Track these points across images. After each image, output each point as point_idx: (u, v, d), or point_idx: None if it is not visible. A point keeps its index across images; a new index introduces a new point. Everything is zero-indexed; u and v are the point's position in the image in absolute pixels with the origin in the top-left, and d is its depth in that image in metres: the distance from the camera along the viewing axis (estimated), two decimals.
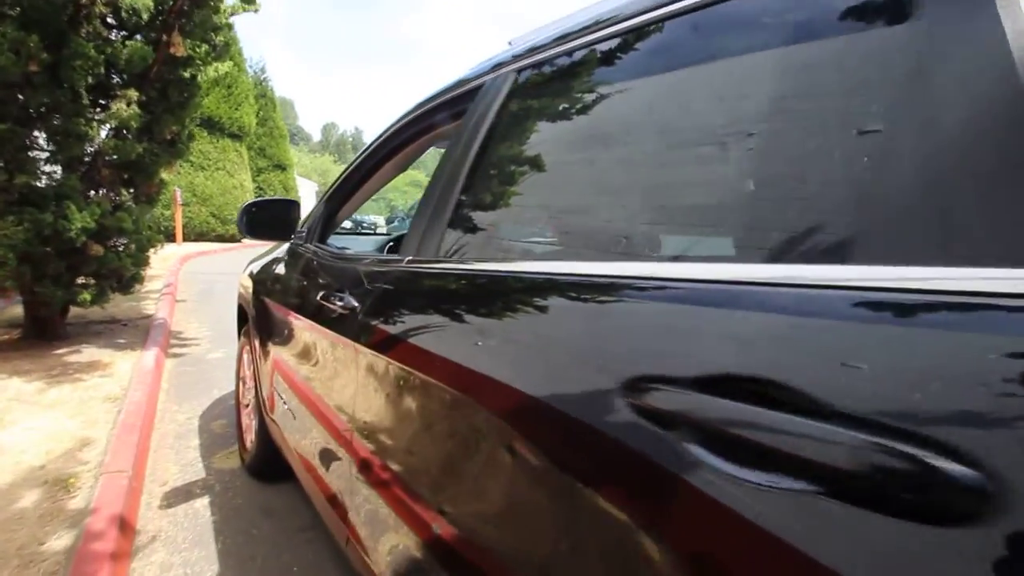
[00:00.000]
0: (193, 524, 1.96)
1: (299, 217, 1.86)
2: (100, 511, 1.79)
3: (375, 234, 2.73)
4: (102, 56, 2.94)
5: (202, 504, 2.10)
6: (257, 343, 2.01)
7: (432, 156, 1.72)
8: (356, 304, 1.14)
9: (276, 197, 1.82)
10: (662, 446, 0.48)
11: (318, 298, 1.34)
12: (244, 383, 2.49)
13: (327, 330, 1.27)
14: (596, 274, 0.66)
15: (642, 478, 0.49)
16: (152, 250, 4.21)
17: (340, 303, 1.19)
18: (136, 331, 4.58)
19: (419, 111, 1.40)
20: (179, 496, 2.15)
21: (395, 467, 0.96)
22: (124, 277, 3.95)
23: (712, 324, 0.50)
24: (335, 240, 1.90)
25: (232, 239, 16.96)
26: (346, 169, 1.73)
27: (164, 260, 8.83)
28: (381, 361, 1.01)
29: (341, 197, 1.77)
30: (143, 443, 2.43)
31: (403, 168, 1.69)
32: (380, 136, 1.57)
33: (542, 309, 0.71)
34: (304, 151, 66.23)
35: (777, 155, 0.55)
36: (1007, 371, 0.31)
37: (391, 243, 2.09)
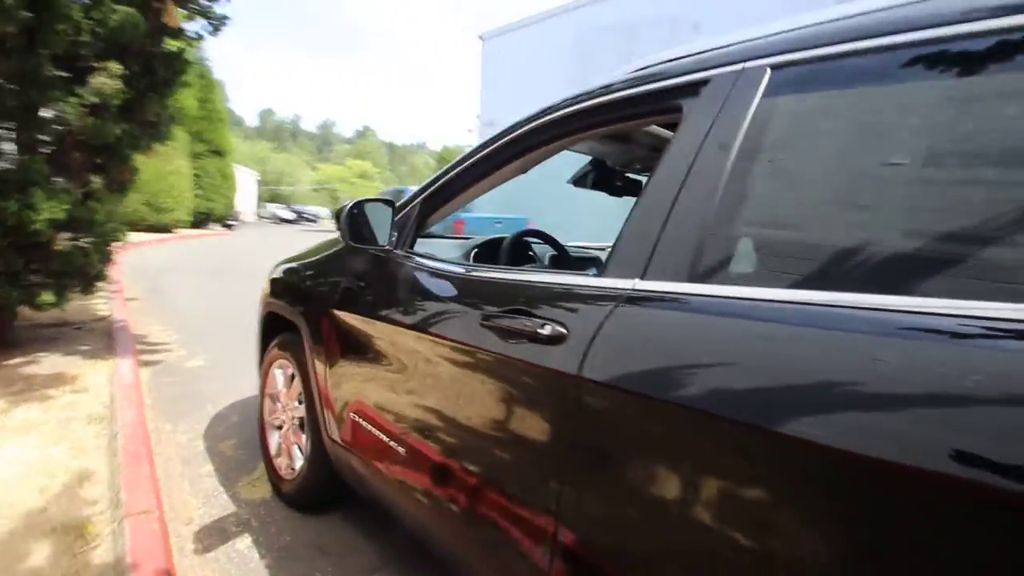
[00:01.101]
0: (243, 571, 1.69)
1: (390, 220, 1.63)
2: (140, 567, 1.50)
3: (455, 238, 2.44)
4: (89, 21, 2.52)
5: (244, 545, 1.82)
6: (319, 361, 1.76)
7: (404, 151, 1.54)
8: (565, 331, 0.97)
9: (378, 197, 1.59)
10: None
11: (480, 320, 1.15)
12: (275, 402, 2.21)
13: (495, 356, 1.09)
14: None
15: None
16: (117, 243, 3.72)
17: (539, 328, 1.01)
18: (95, 336, 4.04)
19: (568, 109, 1.25)
20: (214, 537, 1.86)
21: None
22: (89, 275, 3.46)
23: None
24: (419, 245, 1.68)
25: (165, 229, 15.64)
26: (451, 167, 1.53)
27: None
28: (613, 402, 0.86)
29: (442, 198, 1.57)
30: (152, 473, 2.09)
31: (524, 171, 1.52)
32: (505, 134, 1.40)
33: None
34: (239, 136, 62.61)
35: None
36: None
37: (476, 249, 1.91)
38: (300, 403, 2.02)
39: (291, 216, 39.37)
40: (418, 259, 1.49)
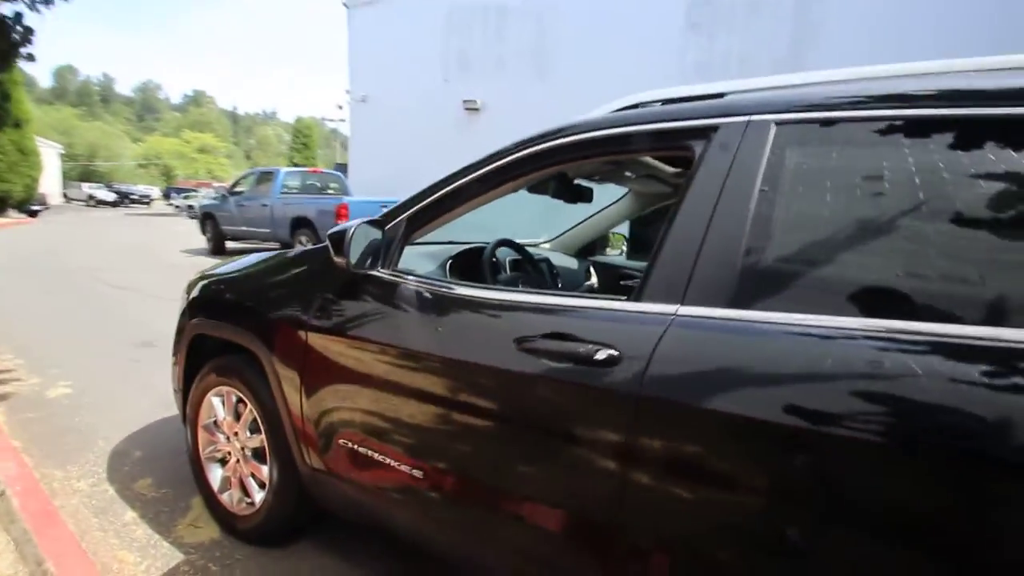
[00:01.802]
0: None
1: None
2: None
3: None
4: None
5: None
6: (290, 387, 1.64)
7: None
8: (617, 353, 1.06)
9: (373, 218, 1.47)
10: None
11: (514, 344, 1.19)
12: (215, 433, 2.01)
13: (536, 378, 1.15)
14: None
15: None
16: None
17: (588, 351, 1.09)
18: None
19: (568, 139, 1.32)
20: None
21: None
22: None
23: None
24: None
25: None
26: (442, 185, 1.50)
27: None
28: (672, 416, 0.99)
29: (430, 216, 1.53)
30: (71, 532, 1.80)
31: (515, 191, 1.55)
32: (501, 157, 1.42)
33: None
34: (29, 100, 51.52)
35: None
36: None
37: (451, 260, 1.88)
38: (253, 432, 1.87)
39: (111, 197, 34.07)
40: (423, 281, 1.46)
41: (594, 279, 2.69)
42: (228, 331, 1.87)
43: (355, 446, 1.51)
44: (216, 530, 1.98)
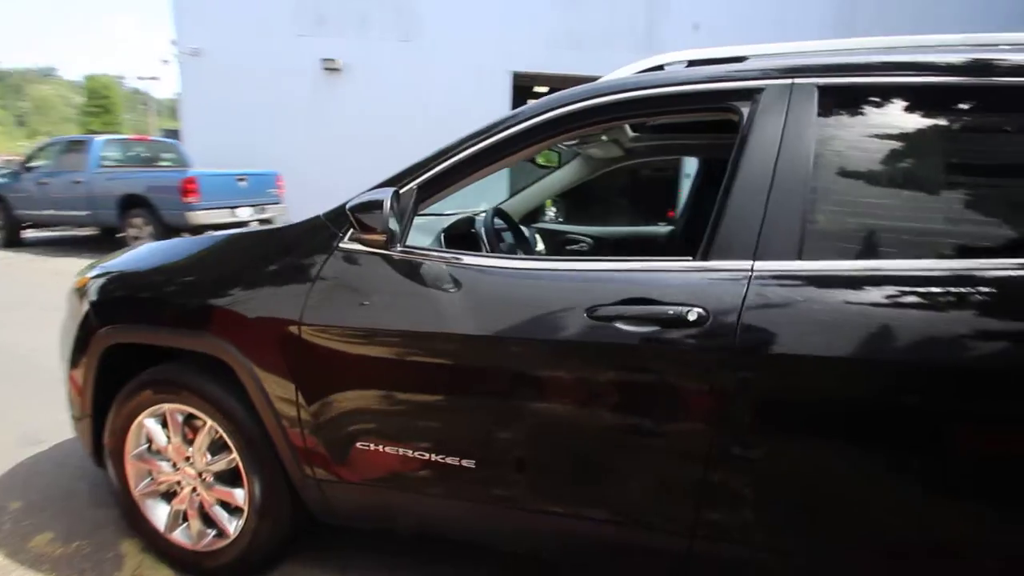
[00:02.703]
0: None
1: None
2: None
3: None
4: None
5: None
6: (282, 393, 1.39)
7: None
8: (705, 313, 1.08)
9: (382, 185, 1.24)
10: None
11: (586, 315, 1.14)
12: (158, 462, 1.64)
13: (618, 346, 1.12)
14: None
15: None
16: None
17: (676, 314, 1.09)
18: None
19: (616, 96, 1.27)
20: None
21: None
22: None
23: None
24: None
25: None
26: (456, 149, 1.34)
27: None
28: (769, 366, 1.05)
29: (443, 184, 1.36)
30: None
31: (536, 154, 1.45)
32: (522, 120, 1.31)
33: None
34: None
35: None
36: None
37: (445, 233, 1.69)
38: (217, 453, 1.57)
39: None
40: (454, 257, 1.31)
41: (541, 245, 2.68)
42: (176, 337, 1.51)
43: (384, 448, 1.34)
44: (168, 573, 1.64)
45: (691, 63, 1.37)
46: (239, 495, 1.56)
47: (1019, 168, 1.07)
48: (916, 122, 1.12)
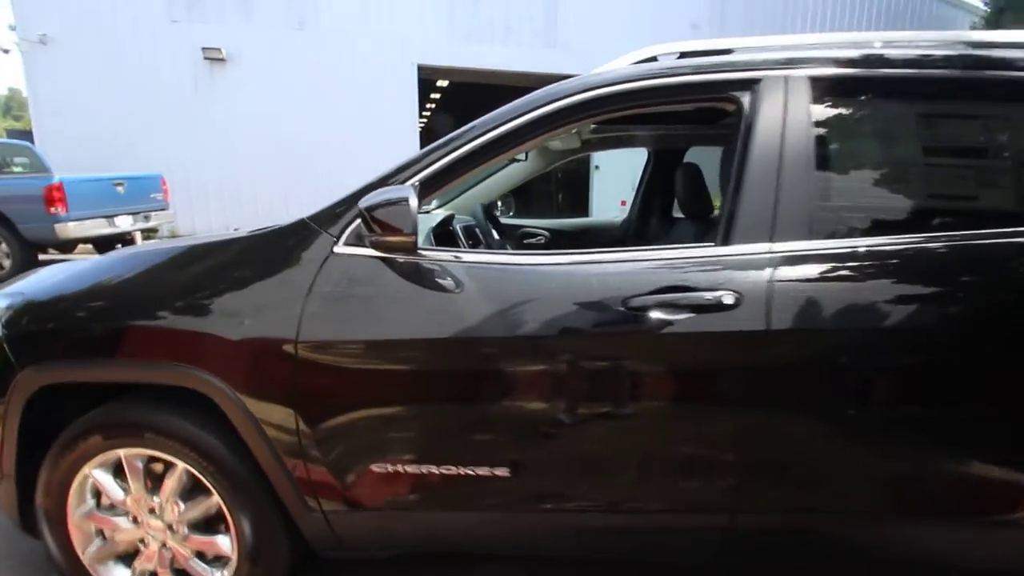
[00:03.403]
0: None
1: None
2: None
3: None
4: None
5: None
6: (276, 421, 1.23)
7: None
8: (740, 295, 1.13)
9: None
10: None
11: (622, 306, 1.15)
12: (106, 520, 1.40)
13: (658, 335, 1.14)
14: None
15: None
16: None
17: (711, 299, 1.13)
18: None
19: (618, 88, 1.28)
20: None
21: None
22: None
23: None
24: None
25: None
26: (456, 144, 1.27)
27: None
28: (800, 343, 1.13)
29: (444, 179, 1.28)
30: None
31: (535, 148, 1.41)
32: (537, 108, 1.27)
33: None
34: None
35: None
36: None
37: (436, 229, 1.57)
38: (192, 499, 1.37)
39: None
40: (468, 256, 1.26)
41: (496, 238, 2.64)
42: (132, 371, 1.29)
43: (407, 468, 1.24)
44: None
45: (683, 55, 1.41)
46: (223, 542, 1.37)
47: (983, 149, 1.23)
48: (898, 110, 1.25)
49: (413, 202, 1.13)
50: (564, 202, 13.14)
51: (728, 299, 1.13)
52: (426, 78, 10.13)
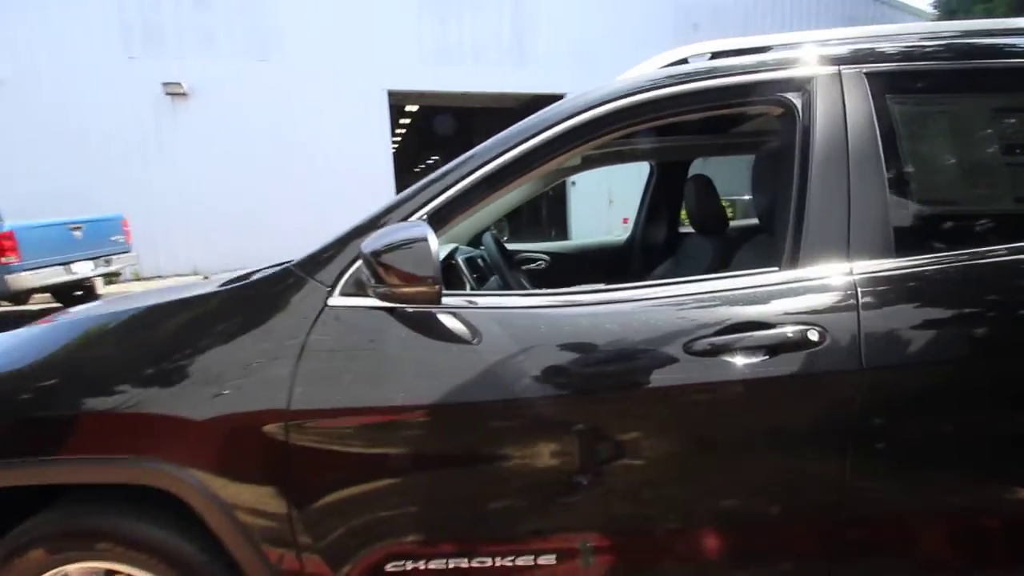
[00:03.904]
0: None
1: None
2: None
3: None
4: None
5: None
6: (270, 512, 0.99)
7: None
8: (823, 329, 0.96)
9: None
10: None
11: (683, 351, 0.96)
12: None
13: (730, 383, 0.95)
14: None
15: None
16: None
17: (791, 336, 0.95)
18: None
19: (654, 93, 1.11)
20: None
21: None
22: None
23: None
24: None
25: None
26: (473, 164, 1.07)
27: None
28: (898, 380, 0.96)
29: (458, 209, 1.08)
30: None
31: (560, 165, 1.23)
32: (562, 121, 1.09)
33: None
34: None
35: None
36: None
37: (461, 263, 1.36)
38: None
39: None
40: (495, 300, 1.07)
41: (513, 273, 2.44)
42: (76, 469, 1.03)
43: (431, 564, 1.01)
44: None
45: (714, 55, 1.24)
46: None
47: None
48: (971, 103, 1.11)
49: (433, 241, 0.92)
50: (540, 221, 13.02)
51: (813, 335, 0.95)
52: (396, 104, 10.01)
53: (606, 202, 9.88)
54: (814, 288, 0.99)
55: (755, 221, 2.66)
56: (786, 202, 1.08)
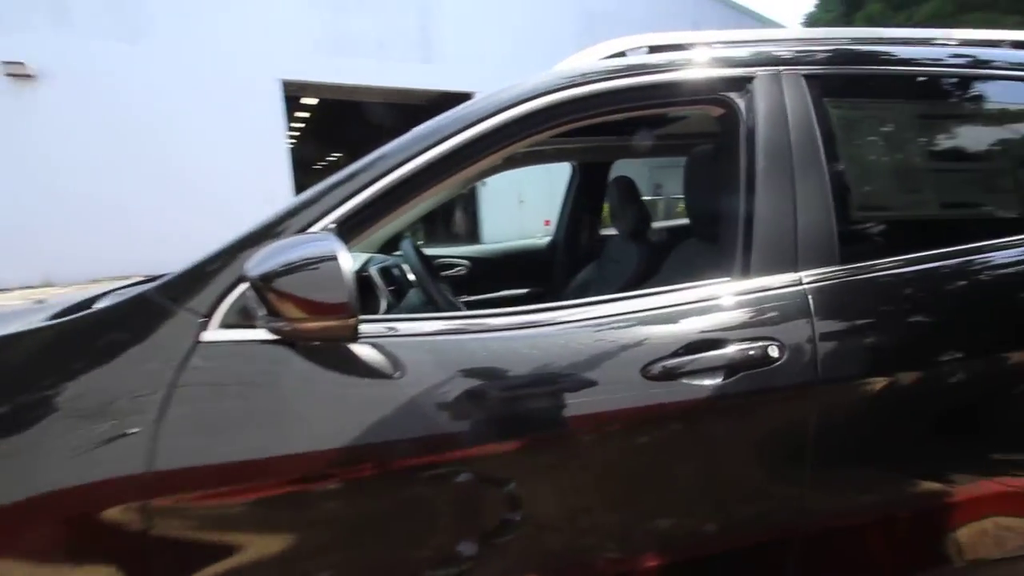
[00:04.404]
0: None
1: None
2: None
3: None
4: None
5: None
6: None
7: None
8: (780, 341, 0.89)
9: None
10: None
11: (640, 375, 0.85)
12: None
13: (691, 404, 0.86)
14: None
15: None
16: None
17: (749, 353, 0.87)
18: None
19: (595, 87, 0.99)
20: None
21: None
22: None
23: None
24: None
25: None
26: (384, 165, 0.89)
27: None
28: (853, 391, 0.93)
29: (375, 214, 0.89)
30: None
31: (490, 166, 1.07)
32: (490, 116, 0.94)
33: None
34: None
35: None
36: None
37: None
38: None
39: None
40: (419, 324, 0.87)
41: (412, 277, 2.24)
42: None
43: None
44: None
45: (652, 49, 1.15)
46: None
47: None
48: (907, 110, 1.12)
49: (345, 259, 0.72)
50: (450, 223, 12.72)
51: (773, 350, 0.88)
52: (291, 95, 9.30)
53: (517, 202, 9.88)
54: (769, 299, 0.93)
55: (675, 223, 2.71)
56: (732, 207, 1.01)
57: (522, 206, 9.68)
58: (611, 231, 2.25)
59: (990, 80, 1.13)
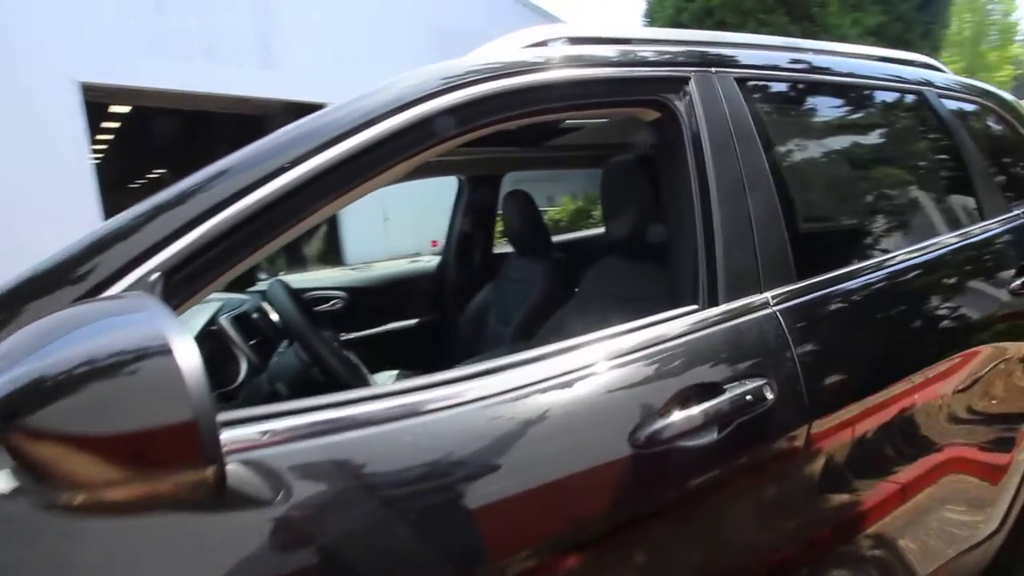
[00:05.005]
0: None
1: None
2: None
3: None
4: None
5: None
6: None
7: None
8: (765, 381, 0.76)
9: None
10: None
11: (628, 443, 0.65)
12: None
13: (688, 472, 0.69)
14: None
15: None
16: None
17: (739, 400, 0.73)
18: None
19: (510, 82, 0.79)
20: None
21: None
22: None
23: None
24: None
25: None
26: (239, 184, 0.59)
27: None
28: (838, 421, 0.84)
29: (229, 255, 0.58)
30: None
31: (391, 182, 0.79)
32: (382, 119, 0.69)
33: None
34: None
35: None
36: None
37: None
38: None
39: None
40: (318, 413, 0.57)
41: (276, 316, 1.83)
42: None
43: None
44: None
45: (572, 40, 0.98)
46: None
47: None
48: (832, 114, 1.10)
49: (187, 352, 0.41)
50: (305, 243, 11.61)
51: (768, 391, 0.75)
52: (96, 101, 7.78)
53: (381, 219, 9.37)
54: (746, 329, 0.80)
55: (571, 237, 2.61)
56: (685, 223, 0.88)
57: (387, 224, 9.20)
58: (507, 249, 2.08)
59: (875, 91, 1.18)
